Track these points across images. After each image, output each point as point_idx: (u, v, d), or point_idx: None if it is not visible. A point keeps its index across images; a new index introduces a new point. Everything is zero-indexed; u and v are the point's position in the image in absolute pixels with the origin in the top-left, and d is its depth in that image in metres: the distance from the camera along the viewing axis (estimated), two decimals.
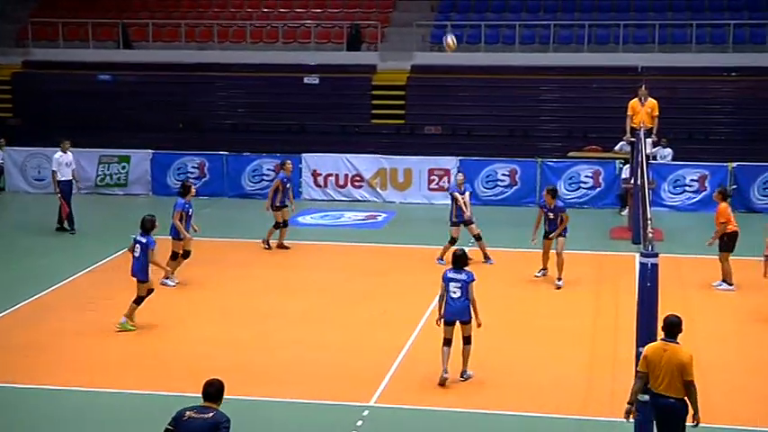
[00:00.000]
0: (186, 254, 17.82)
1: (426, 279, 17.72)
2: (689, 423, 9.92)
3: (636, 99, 22.22)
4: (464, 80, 30.44)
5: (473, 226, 19.54)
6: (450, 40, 22.95)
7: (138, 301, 15.36)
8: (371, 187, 26.00)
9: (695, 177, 24.82)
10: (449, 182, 25.57)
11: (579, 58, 30.33)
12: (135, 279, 15.43)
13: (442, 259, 19.18)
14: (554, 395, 12.92)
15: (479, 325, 13.08)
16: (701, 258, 17.91)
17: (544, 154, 26.56)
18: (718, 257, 17.49)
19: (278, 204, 20.22)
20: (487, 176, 25.56)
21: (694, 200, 24.72)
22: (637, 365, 10.02)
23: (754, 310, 16.25)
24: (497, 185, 25.39)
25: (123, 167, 26.92)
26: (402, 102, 30.55)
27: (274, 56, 31.86)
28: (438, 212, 24.84)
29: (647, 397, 9.94)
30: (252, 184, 26.38)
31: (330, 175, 26.22)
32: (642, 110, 21.99)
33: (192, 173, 26.52)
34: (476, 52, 30.94)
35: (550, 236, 17.98)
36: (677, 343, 9.97)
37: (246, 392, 12.84)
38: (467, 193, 19.60)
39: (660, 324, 10.08)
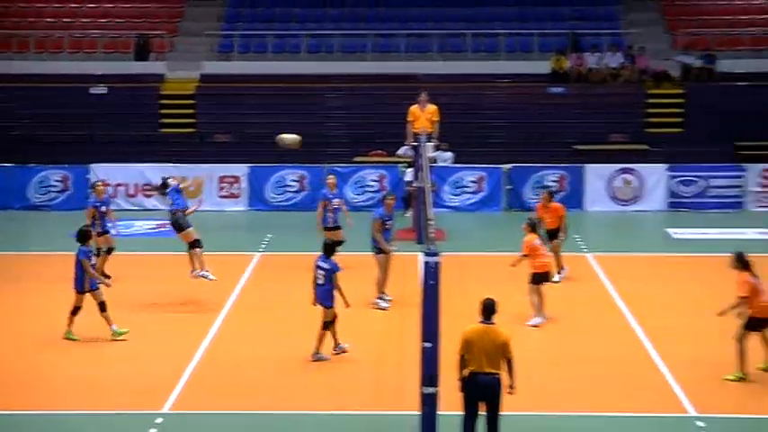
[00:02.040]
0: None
1: (218, 286, 17.91)
2: (507, 393, 11.08)
3: (416, 105, 23.30)
4: (253, 88, 30.81)
5: (340, 232, 19.02)
6: None
7: (102, 307, 15.32)
8: (162, 196, 25.98)
9: (474, 179, 26.21)
10: (240, 188, 26.03)
11: (363, 66, 31.29)
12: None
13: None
14: (345, 392, 13.48)
15: (347, 305, 14.62)
16: (481, 255, 18.77)
17: (332, 159, 27.27)
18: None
19: (99, 231, 18.90)
20: (277, 182, 26.12)
21: (473, 200, 26.11)
22: (423, 357, 10.46)
23: (526, 302, 17.19)
24: (287, 191, 25.96)
25: None
26: (192, 110, 30.69)
27: (60, 66, 31.32)
28: (229, 220, 25.20)
29: (432, 389, 10.41)
30: (39, 196, 26.00)
31: (120, 184, 26.13)
32: (422, 115, 23.09)
33: None
34: (263, 61, 31.47)
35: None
36: (494, 323, 11.07)
37: (34, 406, 12.86)
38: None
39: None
